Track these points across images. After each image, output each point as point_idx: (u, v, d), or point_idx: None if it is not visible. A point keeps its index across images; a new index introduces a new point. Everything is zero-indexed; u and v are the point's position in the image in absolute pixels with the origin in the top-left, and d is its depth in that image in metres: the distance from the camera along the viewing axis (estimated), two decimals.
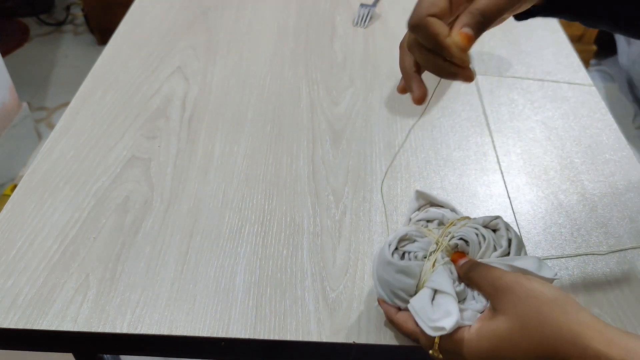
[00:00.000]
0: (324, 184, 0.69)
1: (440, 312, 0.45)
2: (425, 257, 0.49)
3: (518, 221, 0.64)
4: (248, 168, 0.71)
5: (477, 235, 0.50)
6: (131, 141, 0.75)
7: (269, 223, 0.64)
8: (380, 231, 0.63)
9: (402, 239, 0.51)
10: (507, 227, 0.51)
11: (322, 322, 0.54)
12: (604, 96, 2.07)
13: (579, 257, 0.60)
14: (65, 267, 0.59)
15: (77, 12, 2.68)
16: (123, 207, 0.66)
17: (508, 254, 0.49)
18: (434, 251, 0.49)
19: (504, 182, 0.69)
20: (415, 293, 0.48)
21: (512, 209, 0.66)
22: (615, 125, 0.77)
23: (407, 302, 0.48)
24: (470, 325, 0.44)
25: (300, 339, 0.53)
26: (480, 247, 0.49)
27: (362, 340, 0.53)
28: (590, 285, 0.57)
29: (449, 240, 0.50)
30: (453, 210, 0.55)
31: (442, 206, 0.55)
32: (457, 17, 0.41)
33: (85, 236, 0.63)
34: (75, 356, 0.75)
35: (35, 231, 0.63)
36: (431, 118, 0.79)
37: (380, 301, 0.51)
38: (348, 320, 0.54)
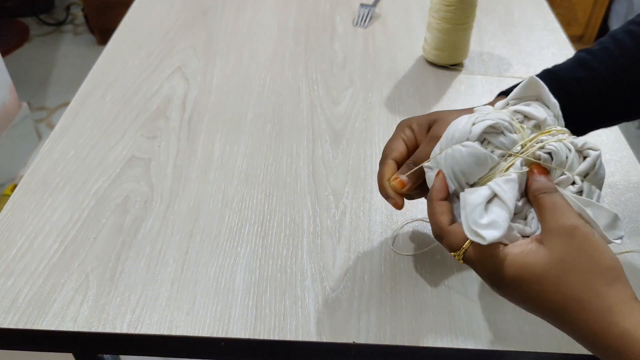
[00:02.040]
0: (324, 184, 0.69)
1: (489, 219, 0.41)
2: (504, 157, 0.45)
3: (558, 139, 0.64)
4: (248, 168, 0.71)
5: (567, 158, 0.45)
6: (131, 141, 0.75)
7: (269, 223, 0.64)
8: (380, 231, 0.63)
9: (490, 126, 0.45)
10: (599, 164, 0.45)
11: (322, 322, 0.54)
12: None
13: None
14: (65, 267, 0.59)
15: (77, 12, 2.68)
16: (123, 207, 0.66)
17: (580, 192, 0.44)
18: (516, 154, 0.45)
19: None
20: (475, 185, 0.45)
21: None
22: (615, 126, 0.77)
23: (462, 188, 0.45)
24: (507, 245, 0.42)
25: (300, 339, 0.53)
26: (563, 173, 0.44)
27: (362, 340, 0.53)
28: None
29: (537, 149, 0.45)
30: (557, 116, 0.48)
31: (548, 107, 0.48)
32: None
33: (85, 236, 0.63)
34: (75, 356, 0.75)
35: (35, 231, 0.63)
36: None
37: (442, 176, 0.47)
38: (348, 320, 0.54)
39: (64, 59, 2.40)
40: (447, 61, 0.88)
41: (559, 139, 0.45)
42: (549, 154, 0.44)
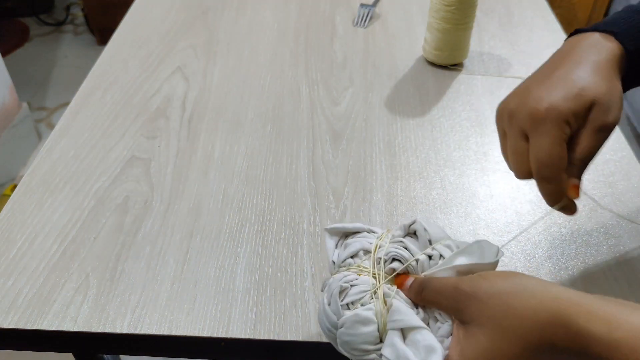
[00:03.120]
0: (324, 184, 0.69)
1: (421, 351, 0.40)
2: (372, 297, 0.44)
3: (518, 221, 0.64)
4: (248, 168, 0.71)
5: (406, 248, 0.46)
6: (131, 141, 0.75)
7: (269, 223, 0.64)
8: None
9: (340, 293, 0.45)
10: (424, 227, 0.46)
11: None
12: None
13: (579, 257, 0.60)
14: (65, 267, 0.59)
15: (77, 12, 2.68)
16: (123, 207, 0.66)
17: (440, 256, 0.45)
18: (377, 287, 0.44)
19: (504, 182, 0.69)
20: (381, 340, 0.43)
21: (513, 209, 0.66)
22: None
23: (377, 351, 0.43)
24: (447, 354, 0.40)
25: (300, 339, 0.53)
26: (417, 260, 0.45)
27: None
28: (590, 285, 0.57)
29: (385, 267, 0.45)
30: (369, 230, 0.49)
31: (357, 231, 0.49)
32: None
33: (85, 236, 0.63)
34: (75, 356, 0.76)
35: (35, 231, 0.63)
36: (431, 118, 0.79)
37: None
38: None
39: (64, 59, 2.40)
40: (447, 61, 0.88)
41: (387, 245, 0.46)
42: (395, 259, 0.45)
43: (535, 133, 0.45)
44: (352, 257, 0.47)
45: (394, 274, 0.45)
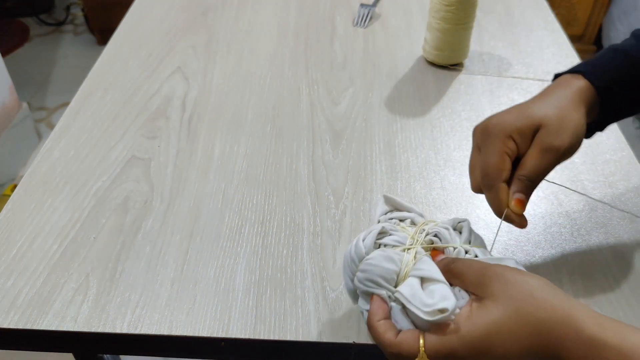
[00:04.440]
0: (324, 184, 0.69)
1: (435, 297, 0.41)
2: (404, 251, 0.46)
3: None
4: (248, 168, 0.71)
5: (450, 235, 0.48)
6: (131, 141, 0.75)
7: (269, 223, 0.64)
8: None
9: (378, 234, 0.47)
10: (471, 228, 0.49)
11: (322, 322, 0.54)
12: None
13: (579, 257, 0.60)
14: (65, 267, 0.59)
15: (77, 12, 2.68)
16: (123, 207, 0.66)
17: (476, 255, 0.47)
18: (412, 246, 0.46)
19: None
20: (397, 284, 0.44)
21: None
22: (615, 125, 0.77)
23: (390, 290, 0.44)
24: (453, 320, 0.41)
25: (300, 339, 0.53)
26: (455, 248, 0.47)
27: (362, 340, 0.53)
28: (590, 285, 0.57)
29: (425, 237, 0.47)
30: (420, 215, 0.51)
31: (409, 211, 0.52)
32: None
33: (85, 236, 0.63)
34: (75, 356, 0.76)
35: (35, 231, 0.63)
36: (431, 118, 0.79)
37: (375, 298, 0.45)
38: (348, 320, 0.54)
39: (64, 59, 2.40)
40: (447, 61, 0.88)
41: (434, 224, 0.48)
42: (436, 236, 0.48)
43: (483, 146, 0.50)
44: (400, 220, 0.50)
45: (431, 245, 0.47)
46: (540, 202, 0.67)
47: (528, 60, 0.91)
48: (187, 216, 0.65)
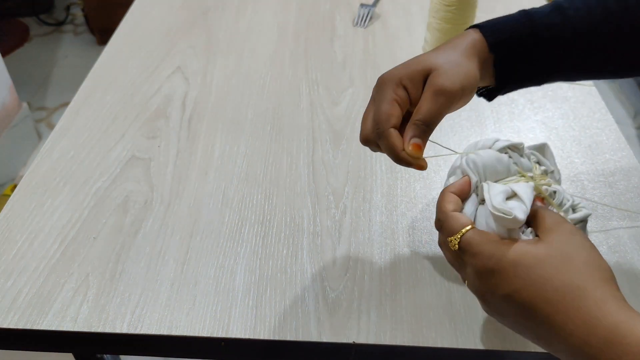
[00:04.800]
0: (324, 184, 0.69)
1: (510, 205, 0.43)
2: (519, 174, 0.48)
3: (561, 187, 0.64)
4: (248, 168, 0.71)
5: (564, 203, 0.48)
6: (131, 141, 0.75)
7: (269, 223, 0.64)
8: (380, 231, 0.63)
9: (513, 145, 0.49)
10: (585, 223, 0.50)
11: (322, 322, 0.54)
12: (604, 96, 2.07)
13: None
14: (65, 267, 0.59)
15: (77, 12, 2.68)
16: (123, 207, 0.66)
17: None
18: (529, 177, 0.48)
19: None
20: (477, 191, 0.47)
21: None
22: (615, 125, 0.77)
23: (482, 180, 0.47)
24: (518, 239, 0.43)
25: (300, 339, 0.53)
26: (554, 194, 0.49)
27: (362, 340, 0.53)
28: None
29: (544, 186, 0.48)
30: (558, 181, 0.52)
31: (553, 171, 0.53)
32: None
33: (85, 236, 0.63)
34: (75, 356, 0.76)
35: (35, 231, 0.63)
36: None
37: (465, 178, 0.48)
38: (348, 320, 0.54)
39: (64, 59, 2.40)
40: None
41: (556, 181, 0.50)
42: (554, 192, 0.48)
43: (376, 96, 0.50)
44: (537, 163, 0.51)
45: (548, 184, 0.48)
46: None
47: None
48: (187, 216, 0.65)
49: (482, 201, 0.46)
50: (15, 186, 1.60)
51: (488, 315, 0.44)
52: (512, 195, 0.45)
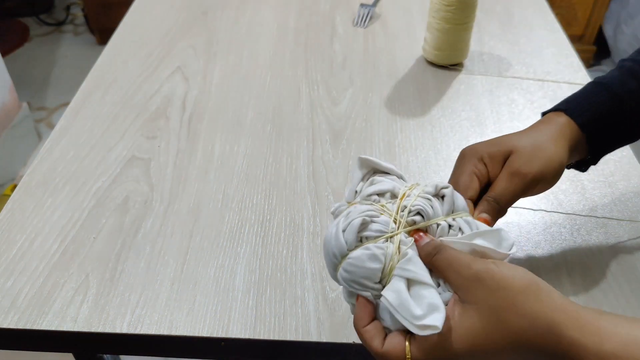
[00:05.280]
0: (324, 184, 0.69)
1: (423, 306, 0.40)
2: (387, 240, 0.44)
3: (518, 221, 0.64)
4: (248, 168, 0.71)
5: (432, 208, 0.45)
6: (131, 141, 0.75)
7: (269, 223, 0.64)
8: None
9: (359, 225, 0.44)
10: (454, 194, 0.47)
11: (322, 322, 0.54)
12: None
13: (579, 257, 0.60)
14: (65, 267, 0.59)
15: (77, 12, 2.68)
16: (123, 207, 0.66)
17: (460, 229, 0.45)
18: (394, 232, 0.44)
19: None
20: (381, 280, 0.43)
21: (512, 209, 0.66)
22: None
23: (375, 290, 0.43)
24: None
25: (300, 339, 0.53)
26: (438, 224, 0.45)
27: None
28: (590, 285, 0.57)
29: (407, 216, 0.44)
30: (400, 177, 0.49)
31: (387, 173, 0.49)
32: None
33: (85, 236, 0.63)
34: (75, 356, 0.76)
35: (35, 231, 0.63)
36: (431, 118, 0.79)
37: (360, 300, 0.44)
38: (348, 320, 0.54)
39: (64, 59, 2.40)
40: (447, 61, 0.88)
41: (416, 196, 0.46)
42: (419, 213, 0.45)
43: (457, 168, 0.53)
44: (378, 195, 0.47)
45: (414, 226, 0.45)
46: (540, 202, 0.67)
47: (528, 60, 0.91)
48: (187, 216, 0.65)
49: (379, 296, 0.43)
50: (15, 186, 1.60)
51: None
52: (410, 282, 0.42)
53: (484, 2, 1.05)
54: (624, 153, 0.73)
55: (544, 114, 0.57)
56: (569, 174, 0.70)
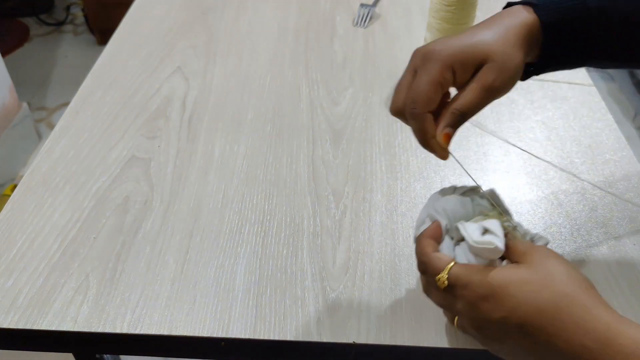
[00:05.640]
0: (324, 184, 0.69)
1: (487, 237, 0.45)
2: (483, 213, 0.50)
3: (518, 221, 0.64)
4: (248, 168, 0.71)
5: (523, 236, 0.50)
6: (131, 141, 0.75)
7: (269, 223, 0.64)
8: (380, 231, 0.63)
9: (471, 189, 0.51)
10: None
11: (322, 322, 0.54)
12: (604, 96, 2.07)
13: (579, 257, 0.60)
14: (65, 267, 0.59)
15: (77, 12, 2.68)
16: (123, 207, 0.66)
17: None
18: (491, 214, 0.50)
19: (504, 182, 0.69)
20: (448, 232, 0.49)
21: (512, 209, 0.66)
22: (615, 125, 0.77)
23: (452, 223, 0.48)
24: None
25: (300, 339, 0.53)
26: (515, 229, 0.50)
27: (362, 340, 0.53)
28: None
29: (505, 221, 0.49)
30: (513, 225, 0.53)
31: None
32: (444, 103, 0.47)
33: (85, 236, 0.63)
34: (75, 356, 0.76)
35: (35, 231, 0.63)
36: None
37: (436, 223, 0.48)
38: (348, 320, 0.54)
39: (64, 59, 2.40)
40: None
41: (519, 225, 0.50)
42: (514, 227, 0.49)
43: (420, 69, 0.47)
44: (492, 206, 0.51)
45: (505, 222, 0.49)
46: (540, 202, 0.67)
47: None
48: (187, 216, 0.65)
49: (458, 242, 0.48)
50: (15, 186, 1.60)
51: (486, 348, 0.44)
52: (485, 232, 0.46)
53: (484, 2, 1.05)
54: (624, 153, 0.73)
55: (509, 4, 0.51)
56: (569, 175, 0.70)
